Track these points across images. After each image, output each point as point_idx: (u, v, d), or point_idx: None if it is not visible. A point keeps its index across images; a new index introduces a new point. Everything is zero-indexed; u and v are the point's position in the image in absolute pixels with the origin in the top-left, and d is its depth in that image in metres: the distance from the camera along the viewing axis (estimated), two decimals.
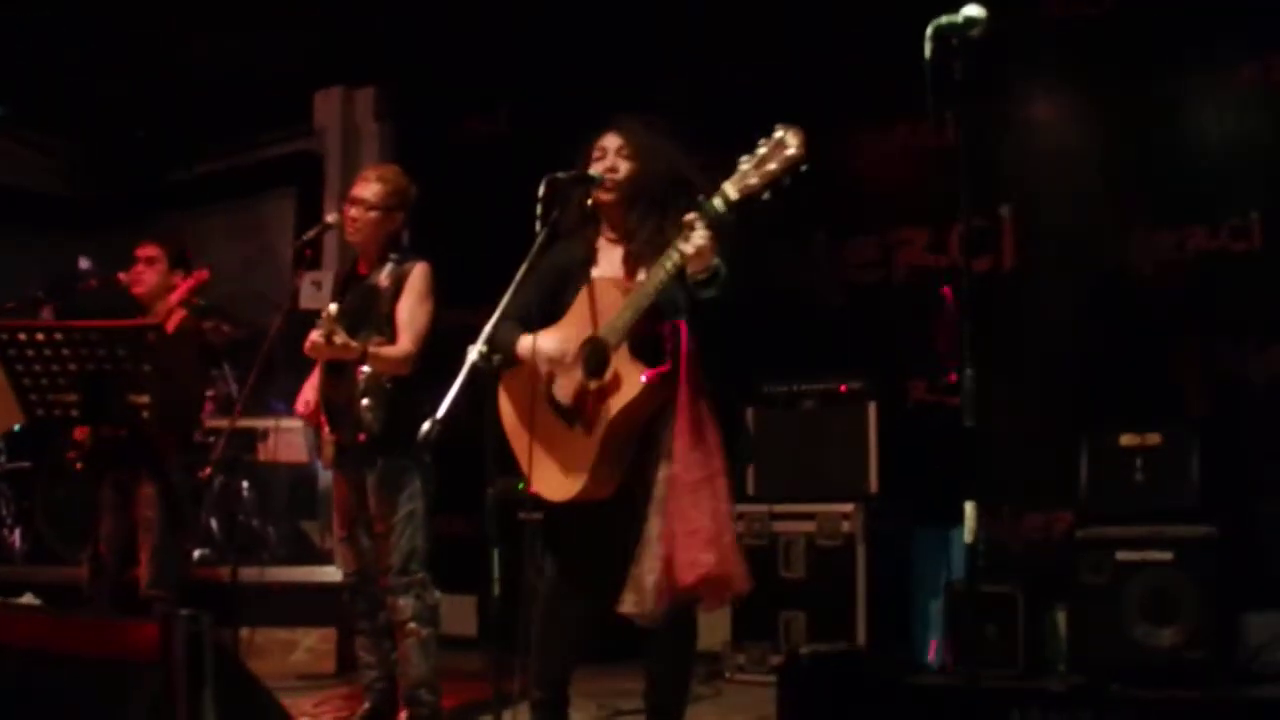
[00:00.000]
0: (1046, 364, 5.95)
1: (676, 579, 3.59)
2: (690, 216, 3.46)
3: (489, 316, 7.64)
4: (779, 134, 3.39)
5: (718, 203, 3.46)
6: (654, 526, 3.60)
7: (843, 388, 6.04)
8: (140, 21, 7.51)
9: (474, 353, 3.51)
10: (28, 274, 7.75)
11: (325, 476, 7.06)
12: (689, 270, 3.51)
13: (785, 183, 3.40)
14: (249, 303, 7.57)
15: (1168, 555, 5.25)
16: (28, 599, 4.57)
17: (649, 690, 3.96)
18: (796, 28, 6.72)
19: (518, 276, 3.62)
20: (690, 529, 3.58)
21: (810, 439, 6.07)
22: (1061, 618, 5.69)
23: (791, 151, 3.36)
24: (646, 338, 3.68)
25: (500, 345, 3.71)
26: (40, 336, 4.26)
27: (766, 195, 3.41)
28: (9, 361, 4.32)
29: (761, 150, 3.40)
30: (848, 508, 5.79)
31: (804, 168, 3.38)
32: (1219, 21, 5.72)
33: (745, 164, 3.42)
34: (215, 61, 7.91)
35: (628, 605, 3.63)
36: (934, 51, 3.17)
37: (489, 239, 7.29)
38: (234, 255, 8.47)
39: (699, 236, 3.44)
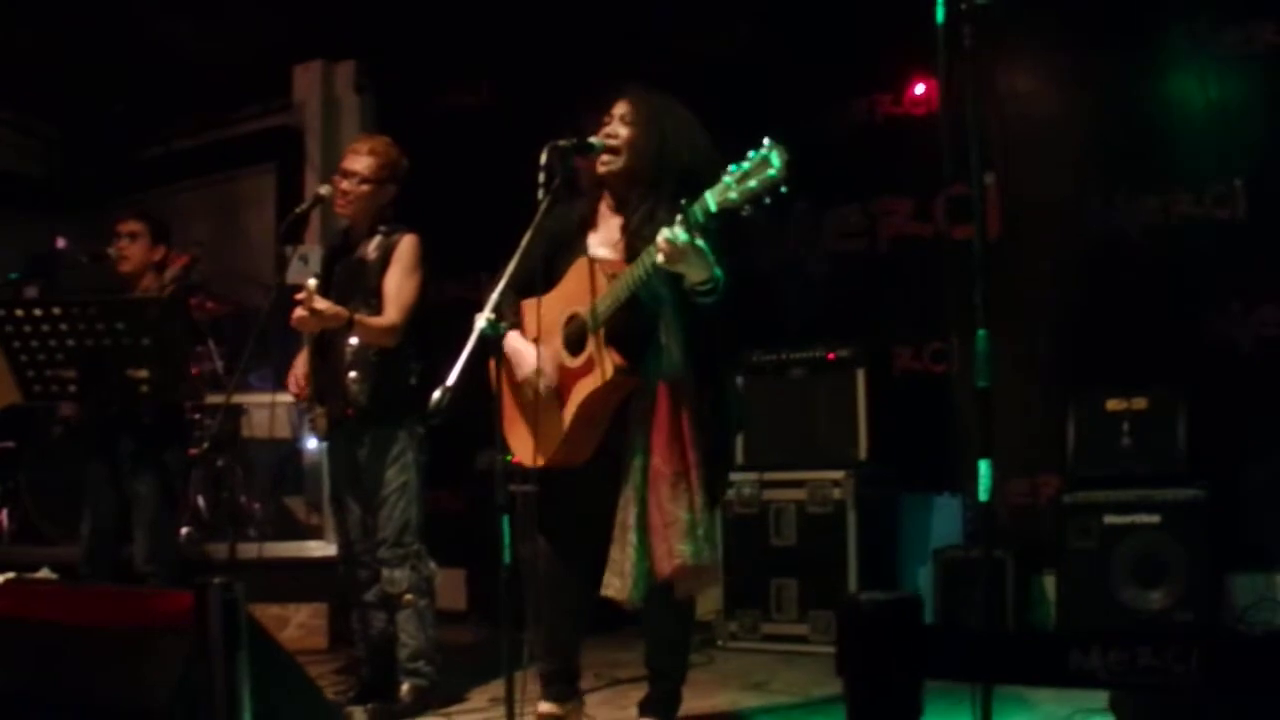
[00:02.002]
0: (1032, 330, 5.99)
1: (655, 567, 3.68)
2: (668, 232, 3.49)
3: (472, 287, 7.65)
4: (765, 151, 3.40)
5: (697, 210, 3.49)
6: (629, 515, 3.69)
7: (831, 355, 6.06)
8: None
9: (481, 321, 3.54)
10: (5, 255, 7.69)
11: (310, 452, 7.07)
12: (687, 276, 3.56)
13: (765, 201, 3.42)
14: (229, 279, 7.54)
15: (1155, 519, 5.30)
16: (44, 574, 4.54)
17: (649, 656, 4.01)
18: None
19: (522, 244, 3.64)
20: (668, 521, 3.68)
21: (799, 407, 6.09)
22: (1050, 582, 5.75)
23: (774, 172, 3.39)
24: (623, 327, 3.74)
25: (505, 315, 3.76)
26: (39, 313, 4.24)
27: (746, 210, 3.44)
28: (6, 339, 4.29)
29: (746, 165, 3.43)
30: (838, 475, 5.81)
31: (784, 190, 3.40)
32: None
33: (729, 176, 3.45)
34: (193, 36, 7.83)
35: (611, 589, 3.73)
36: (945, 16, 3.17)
37: (472, 211, 7.32)
38: (213, 231, 8.42)
39: (677, 233, 3.47)
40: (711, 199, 3.46)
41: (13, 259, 7.43)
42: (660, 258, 3.49)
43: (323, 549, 6.20)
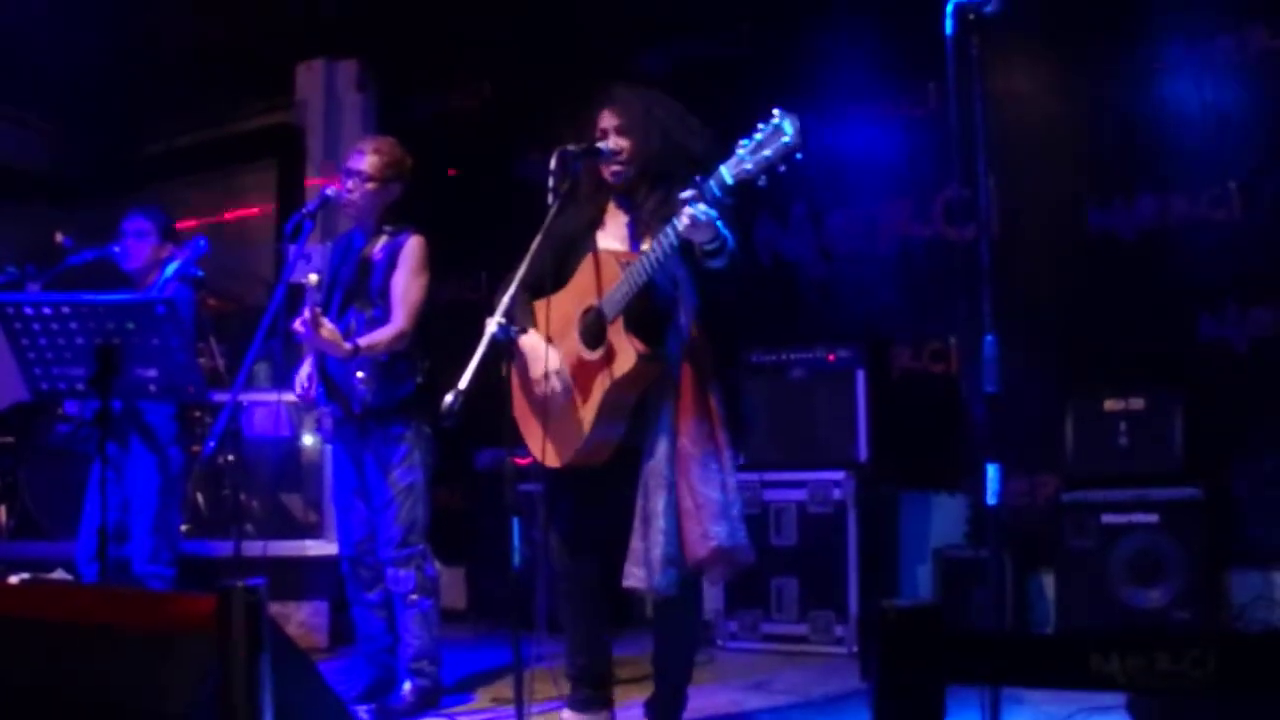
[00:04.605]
0: (1031, 331, 6.01)
1: (687, 552, 3.66)
2: (687, 193, 3.51)
3: (472, 287, 7.66)
4: (776, 120, 3.43)
5: (713, 185, 3.51)
6: (657, 501, 3.66)
7: (831, 357, 6.09)
8: None
9: (493, 325, 3.55)
10: (3, 249, 7.69)
11: (308, 450, 7.08)
12: (696, 240, 3.56)
13: (780, 169, 3.45)
14: (230, 277, 7.56)
15: (1153, 518, 5.34)
16: (59, 574, 4.55)
17: (657, 656, 4.03)
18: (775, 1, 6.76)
19: (533, 246, 3.66)
20: (700, 502, 3.65)
21: (799, 408, 6.13)
22: (1048, 580, 5.80)
23: (788, 139, 3.41)
24: (642, 312, 3.74)
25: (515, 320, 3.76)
26: (49, 310, 4.25)
27: (762, 180, 3.47)
28: (14, 335, 4.30)
29: (758, 135, 3.45)
30: (838, 475, 5.85)
31: (799, 155, 3.42)
32: None
33: (742, 149, 3.47)
34: (196, 33, 7.85)
35: (633, 580, 3.69)
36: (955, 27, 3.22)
37: (472, 211, 7.36)
38: (214, 228, 8.43)
39: (700, 210, 3.48)
40: (727, 172, 3.48)
41: (12, 253, 7.42)
42: (682, 225, 3.50)
43: (322, 548, 6.21)
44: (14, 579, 2.71)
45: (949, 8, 3.28)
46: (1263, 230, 5.65)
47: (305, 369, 4.84)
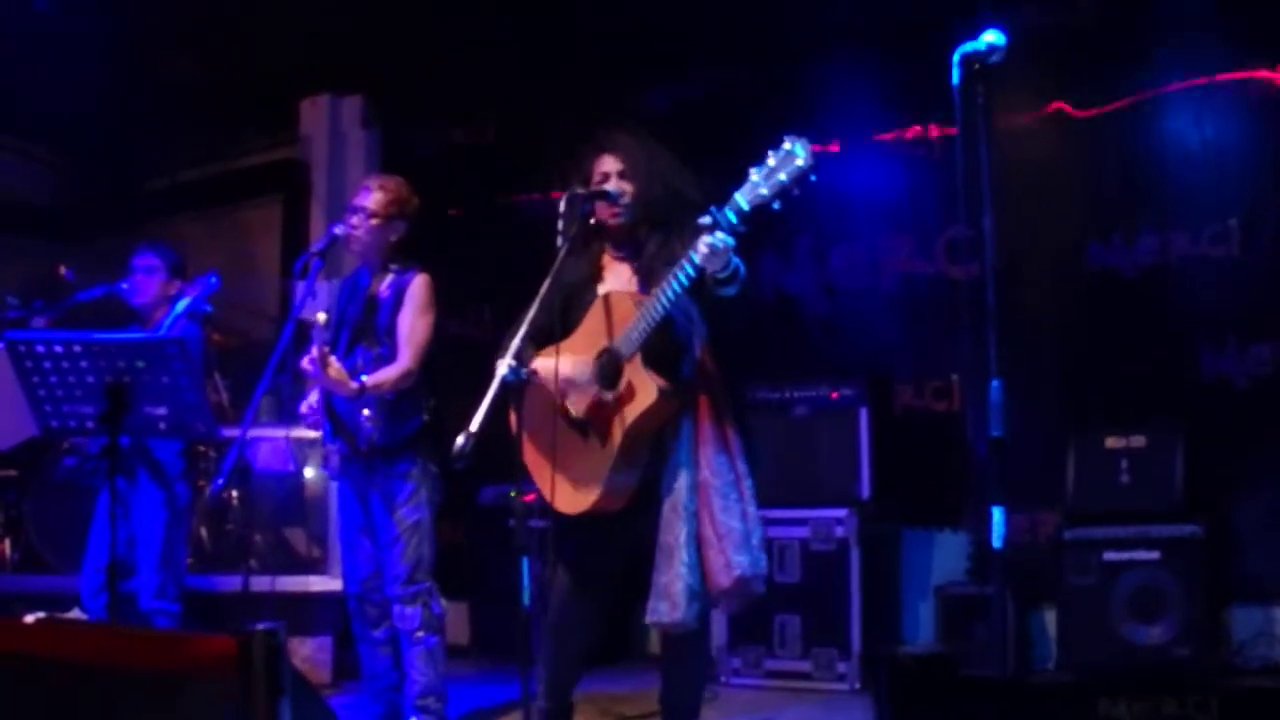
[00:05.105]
0: (1033, 369, 6.05)
1: (710, 582, 3.68)
2: (705, 221, 3.54)
3: (474, 323, 7.69)
4: (787, 145, 3.47)
5: (729, 212, 3.53)
6: (678, 534, 3.68)
7: (834, 394, 6.12)
8: (125, 26, 7.49)
9: (504, 368, 3.56)
10: (8, 282, 7.72)
11: (311, 485, 7.10)
12: (711, 269, 3.58)
13: (795, 193, 3.48)
14: (234, 312, 7.58)
15: (1154, 555, 5.38)
16: (75, 614, 4.57)
17: (666, 692, 4.03)
18: (777, 38, 6.80)
19: (541, 291, 3.67)
20: (722, 532, 3.68)
21: (802, 445, 6.15)
22: (1050, 617, 5.82)
23: (801, 162, 3.45)
24: (659, 347, 3.76)
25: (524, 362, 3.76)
26: (60, 348, 4.27)
27: (776, 205, 3.51)
28: (26, 373, 4.32)
29: (771, 161, 3.49)
30: (841, 513, 5.88)
31: (813, 177, 3.47)
32: (1198, 33, 5.84)
33: (755, 175, 3.50)
34: (200, 67, 7.90)
35: (658, 615, 3.69)
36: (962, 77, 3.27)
37: (475, 247, 7.40)
38: (218, 263, 8.46)
39: (719, 239, 3.51)
40: (742, 198, 3.50)
41: (15, 286, 7.45)
42: (700, 255, 3.52)
43: (326, 583, 6.22)
44: (30, 618, 2.72)
45: (955, 58, 3.32)
46: (1263, 268, 5.70)
47: (311, 398, 4.87)
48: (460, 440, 3.42)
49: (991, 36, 3.33)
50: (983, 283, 3.60)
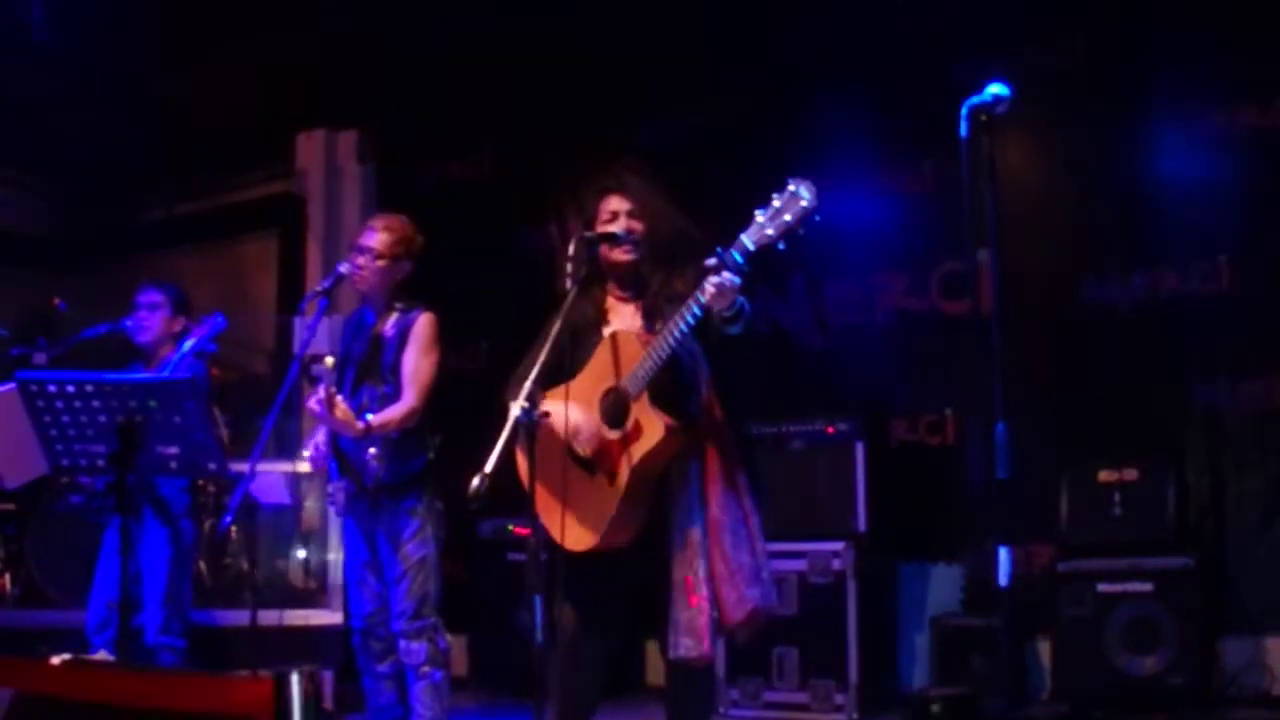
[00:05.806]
0: (1026, 403, 6.10)
1: (724, 617, 3.74)
2: (711, 262, 3.60)
3: (471, 358, 7.72)
4: (792, 187, 3.54)
5: (735, 253, 3.60)
6: (696, 569, 3.73)
7: (830, 429, 6.18)
8: (122, 60, 7.54)
9: (517, 409, 3.61)
10: (3, 314, 7.74)
11: (310, 519, 7.13)
12: (718, 308, 3.64)
13: (800, 233, 3.55)
14: (230, 346, 7.60)
15: (1148, 586, 5.46)
16: (101, 655, 4.59)
17: None
18: (775, 75, 6.89)
19: (552, 332, 3.72)
20: (734, 568, 3.74)
21: (799, 478, 6.20)
22: (1044, 648, 5.88)
23: (806, 204, 3.52)
24: (666, 386, 3.82)
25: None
26: (71, 388, 4.30)
27: (782, 245, 3.58)
28: (37, 412, 4.35)
29: (776, 203, 3.55)
30: (838, 546, 5.93)
31: (817, 218, 3.54)
32: (1189, 73, 5.95)
33: (761, 216, 3.57)
34: (197, 101, 7.95)
35: (684, 649, 3.73)
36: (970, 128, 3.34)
37: (472, 282, 7.44)
38: (213, 297, 8.49)
39: (726, 278, 3.57)
40: (748, 239, 3.56)
41: (10, 318, 7.47)
42: (707, 294, 3.58)
43: (327, 617, 6.23)
44: (56, 659, 2.75)
45: (963, 110, 3.41)
46: (1253, 304, 5.79)
47: (318, 437, 4.90)
48: (475, 482, 3.46)
49: (996, 89, 3.41)
50: (976, 318, 3.68)
